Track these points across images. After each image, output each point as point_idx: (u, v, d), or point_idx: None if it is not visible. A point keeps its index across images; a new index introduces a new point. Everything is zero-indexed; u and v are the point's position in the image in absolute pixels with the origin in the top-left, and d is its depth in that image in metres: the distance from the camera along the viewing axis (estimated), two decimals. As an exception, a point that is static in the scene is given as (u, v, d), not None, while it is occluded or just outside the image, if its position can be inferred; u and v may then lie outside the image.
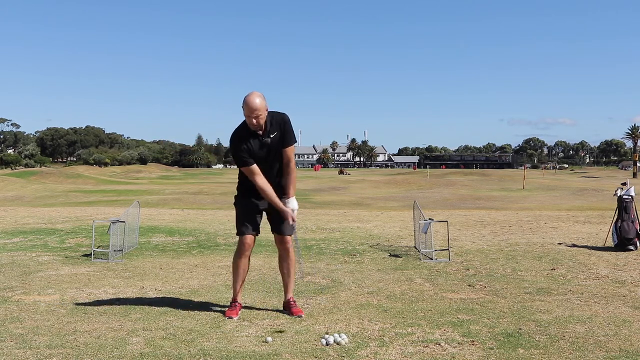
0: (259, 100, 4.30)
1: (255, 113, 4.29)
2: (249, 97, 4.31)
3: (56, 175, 57.60)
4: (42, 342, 3.83)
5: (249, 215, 4.59)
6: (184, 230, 10.63)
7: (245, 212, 4.60)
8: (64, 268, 6.77)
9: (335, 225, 11.54)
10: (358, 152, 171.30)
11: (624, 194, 8.35)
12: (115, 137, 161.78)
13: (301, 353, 3.63)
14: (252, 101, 4.28)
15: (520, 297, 5.14)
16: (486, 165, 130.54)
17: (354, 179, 50.90)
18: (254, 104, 4.28)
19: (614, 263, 6.97)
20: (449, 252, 7.43)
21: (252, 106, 4.28)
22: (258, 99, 4.30)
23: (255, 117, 4.31)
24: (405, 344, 3.81)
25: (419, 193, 29.27)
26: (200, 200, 24.24)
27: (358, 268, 6.74)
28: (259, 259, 7.34)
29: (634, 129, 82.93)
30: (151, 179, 69.18)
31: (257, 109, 4.28)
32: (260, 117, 4.33)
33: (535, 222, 12.09)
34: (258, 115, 4.31)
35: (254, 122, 4.34)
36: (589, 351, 3.63)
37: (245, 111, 4.33)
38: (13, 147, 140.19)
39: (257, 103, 4.29)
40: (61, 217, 13.76)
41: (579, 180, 50.59)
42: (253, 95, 4.31)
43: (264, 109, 4.33)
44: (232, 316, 4.47)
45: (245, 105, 4.31)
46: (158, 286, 5.71)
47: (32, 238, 9.50)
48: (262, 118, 4.35)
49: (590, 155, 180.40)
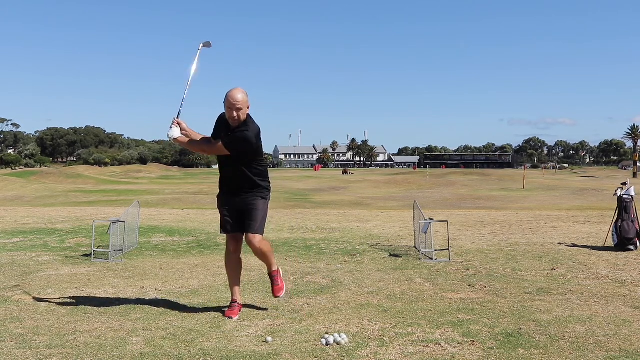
0: (240, 95, 4.41)
1: (235, 106, 4.39)
2: (232, 90, 4.43)
3: (56, 175, 57.62)
4: (42, 342, 3.83)
5: (226, 213, 4.68)
6: (184, 230, 10.63)
7: (222, 211, 4.72)
8: (64, 268, 6.77)
9: (335, 225, 11.54)
10: (358, 152, 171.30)
11: (624, 194, 8.34)
12: (115, 137, 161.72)
13: (301, 353, 3.63)
14: (234, 95, 4.39)
15: (520, 297, 5.14)
16: (486, 165, 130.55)
17: (354, 179, 50.93)
18: (236, 97, 4.39)
19: (614, 263, 6.97)
20: (449, 252, 7.43)
21: (232, 100, 4.38)
22: (240, 94, 4.41)
23: (236, 110, 4.39)
24: (405, 344, 3.81)
25: (419, 193, 29.27)
26: (200, 200, 24.24)
27: (358, 268, 6.74)
28: (258, 259, 7.33)
29: (634, 128, 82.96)
30: (151, 179, 69.18)
31: (238, 102, 4.38)
32: (241, 111, 4.41)
33: (535, 222, 12.09)
34: (238, 108, 4.40)
35: (234, 115, 4.41)
36: (589, 351, 3.63)
37: (227, 103, 4.42)
38: (13, 147, 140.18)
39: (239, 97, 4.39)
40: (61, 217, 13.76)
41: (579, 180, 50.60)
42: (236, 90, 4.43)
43: (245, 104, 4.42)
44: (232, 316, 4.48)
45: (226, 98, 4.41)
46: (158, 286, 5.71)
47: (32, 238, 9.50)
48: (242, 113, 4.43)
49: (590, 155, 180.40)
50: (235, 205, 4.63)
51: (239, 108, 4.39)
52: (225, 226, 4.69)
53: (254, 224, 4.56)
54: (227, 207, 4.68)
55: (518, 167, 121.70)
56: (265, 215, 4.66)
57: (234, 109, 4.39)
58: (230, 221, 4.66)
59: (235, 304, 4.64)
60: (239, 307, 4.63)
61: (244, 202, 4.60)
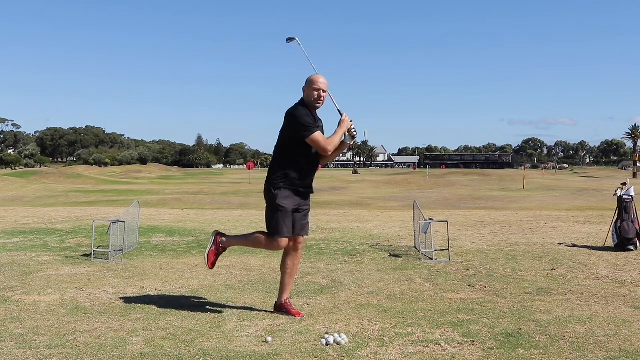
0: (324, 79, 4.45)
1: (325, 87, 4.41)
2: (317, 75, 4.46)
3: (56, 175, 57.60)
4: (42, 342, 3.83)
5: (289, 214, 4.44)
6: (184, 230, 10.63)
7: (286, 211, 4.42)
8: (64, 268, 6.77)
9: (335, 225, 11.54)
10: (358, 152, 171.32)
11: (624, 194, 8.35)
12: (115, 137, 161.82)
13: (301, 353, 3.63)
14: (322, 77, 4.45)
15: (520, 297, 5.14)
16: (486, 165, 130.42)
17: (354, 179, 50.93)
18: (324, 79, 4.44)
19: (614, 263, 6.97)
20: (449, 252, 7.43)
21: (324, 80, 4.43)
22: (324, 78, 4.46)
23: (324, 92, 4.42)
24: (405, 344, 3.81)
25: (419, 193, 29.26)
26: (200, 200, 24.24)
27: (358, 268, 6.74)
28: (259, 259, 7.35)
29: (634, 128, 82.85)
30: (151, 179, 69.16)
31: (326, 84, 4.43)
32: (325, 95, 4.45)
33: (535, 222, 12.09)
34: (326, 91, 4.43)
35: (323, 96, 4.41)
36: (589, 351, 3.63)
37: (316, 85, 4.39)
38: (13, 147, 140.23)
39: (325, 81, 4.44)
40: (61, 217, 13.77)
41: (579, 180, 50.58)
42: (319, 75, 4.46)
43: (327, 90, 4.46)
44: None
45: (315, 81, 4.41)
46: (158, 286, 5.71)
47: (32, 238, 9.51)
48: (325, 97, 4.46)
49: (590, 155, 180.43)
50: (300, 204, 4.50)
51: (326, 91, 4.44)
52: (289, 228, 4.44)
53: (308, 225, 4.64)
54: (297, 207, 4.48)
55: (518, 167, 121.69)
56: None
57: (323, 92, 4.40)
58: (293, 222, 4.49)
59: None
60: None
61: (307, 201, 4.58)
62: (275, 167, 4.48)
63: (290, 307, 4.59)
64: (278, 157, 4.48)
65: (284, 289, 4.66)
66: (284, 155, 4.45)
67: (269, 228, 4.46)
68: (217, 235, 4.72)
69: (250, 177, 52.42)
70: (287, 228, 4.41)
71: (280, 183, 4.42)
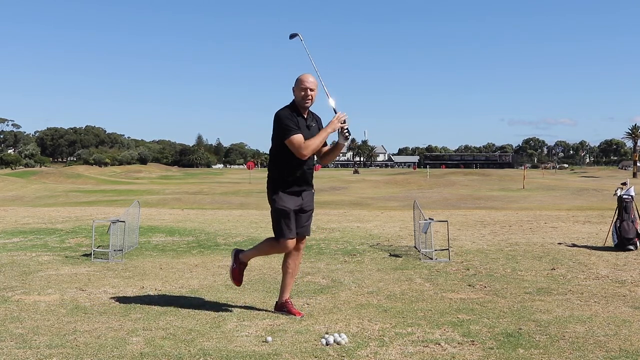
0: (312, 78, 4.42)
1: (312, 86, 4.38)
2: (305, 75, 4.42)
3: (56, 175, 57.64)
4: (42, 342, 3.83)
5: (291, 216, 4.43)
6: (184, 230, 10.63)
7: (287, 213, 4.40)
8: (64, 268, 6.77)
9: (335, 225, 11.54)
10: (358, 152, 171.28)
11: (624, 194, 8.34)
12: (115, 137, 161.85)
13: (301, 353, 3.63)
14: (310, 76, 4.41)
15: (520, 297, 5.14)
16: (486, 165, 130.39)
17: (354, 179, 50.92)
18: (312, 78, 4.41)
19: (614, 263, 6.97)
20: (449, 252, 7.43)
21: (312, 79, 4.40)
22: (312, 77, 4.42)
23: (312, 91, 4.38)
24: (405, 344, 3.81)
25: (419, 193, 29.26)
26: (200, 200, 24.24)
27: (358, 268, 6.74)
28: (259, 259, 7.34)
29: (634, 128, 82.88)
30: (151, 178, 69.17)
31: (315, 83, 4.40)
32: (314, 94, 4.41)
33: (535, 222, 12.09)
34: (314, 89, 4.40)
35: (311, 95, 4.38)
36: (589, 351, 3.63)
37: (304, 84, 4.37)
38: (13, 147, 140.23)
39: (313, 80, 4.41)
40: (61, 217, 13.77)
41: (579, 180, 50.59)
42: (307, 74, 4.43)
43: (316, 89, 4.43)
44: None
45: (302, 80, 4.38)
46: (158, 286, 5.71)
47: (32, 238, 9.51)
48: (314, 96, 4.43)
49: (590, 155, 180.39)
50: (302, 204, 4.49)
51: (315, 90, 4.41)
52: (292, 230, 4.44)
53: (310, 225, 4.63)
54: (297, 208, 4.47)
55: (518, 167, 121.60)
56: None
57: (310, 91, 4.37)
58: (296, 223, 4.47)
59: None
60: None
61: (309, 201, 4.56)
62: (271, 170, 4.51)
63: (291, 307, 4.61)
64: (272, 159, 4.51)
65: (285, 288, 4.67)
66: (277, 158, 4.45)
67: (275, 232, 4.50)
68: (236, 254, 4.78)
69: (250, 177, 52.44)
70: (291, 230, 4.43)
71: (278, 186, 4.43)
